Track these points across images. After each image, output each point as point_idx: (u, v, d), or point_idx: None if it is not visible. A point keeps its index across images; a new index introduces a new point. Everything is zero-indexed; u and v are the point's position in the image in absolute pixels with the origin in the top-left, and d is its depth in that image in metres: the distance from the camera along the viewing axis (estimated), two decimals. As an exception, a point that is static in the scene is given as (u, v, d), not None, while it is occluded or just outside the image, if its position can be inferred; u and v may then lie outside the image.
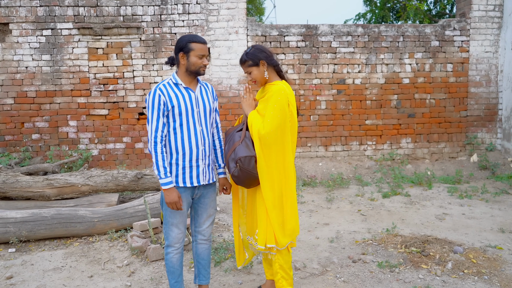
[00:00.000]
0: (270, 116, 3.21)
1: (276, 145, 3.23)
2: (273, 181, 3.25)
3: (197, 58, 3.25)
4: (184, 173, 3.26)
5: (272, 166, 3.24)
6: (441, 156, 8.52)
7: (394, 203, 6.54)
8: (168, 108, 3.20)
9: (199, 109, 3.34)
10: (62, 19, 7.73)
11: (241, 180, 3.27)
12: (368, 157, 8.38)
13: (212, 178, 3.44)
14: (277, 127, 3.21)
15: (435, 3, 18.77)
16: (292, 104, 3.32)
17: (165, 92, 3.21)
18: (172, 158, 3.25)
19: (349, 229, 5.41)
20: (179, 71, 3.34)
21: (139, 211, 5.37)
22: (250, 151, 3.23)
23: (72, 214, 5.17)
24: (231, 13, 7.92)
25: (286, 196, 3.29)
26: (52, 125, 7.87)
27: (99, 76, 7.86)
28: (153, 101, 3.19)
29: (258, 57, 3.34)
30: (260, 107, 3.34)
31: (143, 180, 5.83)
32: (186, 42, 3.25)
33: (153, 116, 3.19)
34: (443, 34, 8.34)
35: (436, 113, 8.46)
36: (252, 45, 3.43)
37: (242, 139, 3.29)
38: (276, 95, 3.23)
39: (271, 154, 3.22)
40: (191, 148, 3.26)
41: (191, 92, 3.33)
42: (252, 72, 3.37)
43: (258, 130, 3.22)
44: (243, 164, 3.19)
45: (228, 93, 8.04)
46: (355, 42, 8.21)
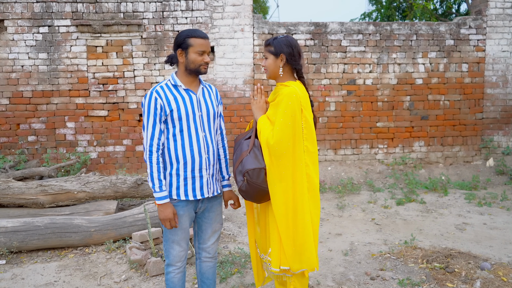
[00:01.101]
0: (279, 123, 2.83)
1: (287, 156, 2.83)
2: (286, 198, 2.86)
3: (196, 54, 2.89)
4: (186, 185, 2.92)
5: (283, 180, 2.85)
6: (455, 160, 8.14)
7: (410, 211, 6.17)
8: (166, 113, 2.85)
9: (201, 113, 2.99)
10: (60, 16, 7.38)
11: (250, 195, 2.90)
12: (379, 161, 8.01)
13: (217, 190, 3.10)
14: (287, 136, 2.82)
15: (441, 2, 18.45)
16: (306, 109, 2.93)
17: (163, 95, 2.86)
18: (172, 168, 2.90)
19: (364, 240, 5.05)
20: (179, 70, 2.99)
21: (139, 220, 5.02)
22: (259, 162, 2.86)
23: (67, 223, 4.83)
24: (237, 10, 7.56)
25: (301, 216, 2.87)
26: (49, 126, 7.52)
27: (98, 76, 7.51)
28: (149, 105, 2.84)
29: (281, 48, 2.96)
30: (270, 112, 2.96)
31: (143, 187, 5.47)
32: (184, 37, 2.90)
33: (148, 122, 2.84)
34: (458, 33, 7.96)
35: (450, 115, 8.09)
36: (286, 35, 3.06)
37: (251, 148, 2.92)
38: (287, 99, 2.85)
39: (281, 166, 2.84)
40: (193, 157, 2.91)
41: (192, 94, 2.97)
42: (268, 59, 3.00)
43: (267, 139, 2.84)
44: (251, 177, 2.82)
45: (233, 93, 7.68)
46: (366, 41, 7.84)
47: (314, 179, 2.96)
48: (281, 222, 2.85)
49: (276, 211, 2.85)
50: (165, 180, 2.91)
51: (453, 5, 18.88)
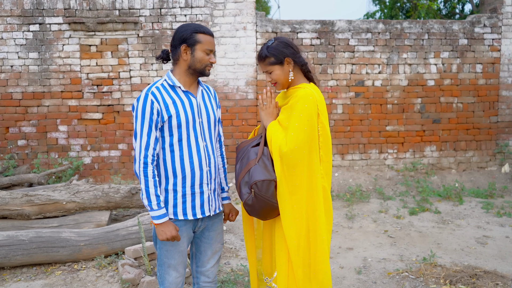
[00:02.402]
0: (294, 128, 2.47)
1: (302, 166, 2.47)
2: (299, 213, 2.48)
3: (204, 53, 2.52)
4: (184, 202, 2.52)
5: (296, 193, 2.47)
6: (469, 166, 7.72)
7: (424, 221, 5.75)
8: (163, 119, 2.45)
9: (201, 119, 2.60)
10: (51, 13, 6.97)
11: (256, 211, 2.50)
12: (388, 167, 7.59)
13: (219, 207, 2.71)
14: (303, 143, 2.46)
15: (445, 3, 18.13)
16: (323, 114, 2.57)
17: (160, 98, 2.46)
18: (168, 183, 2.51)
19: (378, 256, 4.63)
20: (177, 69, 2.58)
21: (133, 233, 4.62)
22: (269, 173, 2.47)
23: (54, 237, 4.42)
24: (239, 7, 7.15)
25: (315, 235, 2.51)
26: (40, 130, 7.10)
27: (92, 76, 7.10)
28: (144, 109, 2.42)
29: (283, 53, 2.60)
30: (282, 116, 2.58)
31: (138, 196, 5.06)
32: (192, 32, 2.50)
33: (143, 129, 2.42)
34: (472, 32, 7.55)
35: (463, 119, 7.67)
36: (275, 38, 2.67)
37: (259, 157, 2.52)
38: (303, 101, 2.49)
39: (295, 177, 2.46)
40: (193, 170, 2.52)
41: (192, 97, 2.58)
42: (274, 71, 2.62)
43: (280, 146, 2.47)
44: (260, 190, 2.44)
45: (235, 95, 7.27)
46: (375, 40, 7.42)
47: (328, 192, 2.61)
48: (292, 241, 2.48)
49: (286, 229, 2.47)
50: (161, 196, 2.51)
51: (457, 5, 18.54)
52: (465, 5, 18.98)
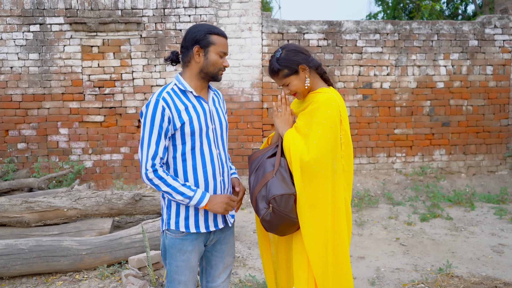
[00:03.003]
0: (317, 136, 2.31)
1: (325, 176, 2.31)
2: (321, 228, 2.32)
3: (218, 56, 2.37)
4: (196, 215, 2.36)
5: (319, 206, 2.31)
6: (478, 170, 7.55)
7: (436, 228, 5.58)
8: (175, 127, 2.29)
9: (214, 125, 2.45)
10: (52, 13, 6.80)
11: (275, 227, 2.34)
12: (397, 171, 7.42)
13: (231, 218, 2.54)
14: (327, 152, 2.31)
15: (448, 3, 18.01)
16: (345, 120, 2.42)
17: (171, 104, 2.29)
18: None
19: (391, 265, 4.46)
20: (188, 72, 2.42)
21: (137, 241, 4.45)
22: (288, 186, 2.30)
23: (55, 245, 4.26)
24: (244, 7, 6.98)
25: (337, 249, 2.36)
26: (40, 133, 6.93)
27: (94, 78, 6.93)
28: (154, 115, 2.25)
29: (295, 61, 2.44)
30: (300, 123, 2.41)
31: (141, 203, 4.89)
32: (205, 32, 2.35)
33: (151, 137, 2.25)
34: (482, 33, 7.38)
35: (473, 122, 7.49)
36: (282, 47, 2.51)
37: (276, 169, 2.36)
38: (325, 107, 2.33)
39: (316, 189, 2.31)
40: (207, 180, 2.36)
41: (204, 103, 2.42)
42: (291, 83, 2.47)
43: (300, 156, 2.30)
44: (279, 205, 2.27)
45: (240, 97, 7.09)
46: (383, 41, 7.25)
47: (349, 205, 2.46)
48: (314, 257, 2.32)
49: (309, 245, 2.31)
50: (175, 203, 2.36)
51: (460, 6, 18.41)
52: (467, 5, 18.87)
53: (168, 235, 2.39)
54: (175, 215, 2.36)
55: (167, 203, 2.41)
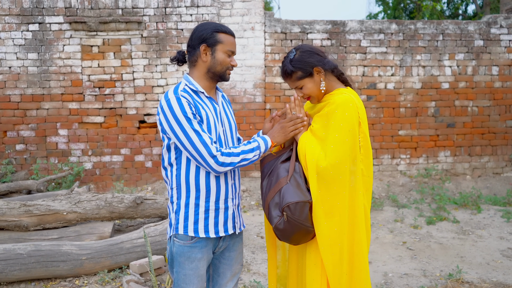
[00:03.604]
0: (334, 140, 2.19)
1: (343, 183, 2.19)
2: (339, 238, 2.20)
3: (225, 55, 2.29)
4: (206, 219, 2.26)
5: (336, 215, 2.19)
6: (484, 172, 7.44)
7: (443, 232, 5.47)
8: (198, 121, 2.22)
9: (224, 127, 2.36)
10: (52, 12, 6.68)
11: (288, 236, 2.23)
12: (401, 173, 7.31)
13: (242, 225, 2.45)
14: (345, 156, 2.19)
15: (448, 4, 17.97)
16: (364, 122, 2.29)
17: (190, 100, 2.21)
18: (189, 197, 2.25)
19: (399, 270, 4.35)
20: (196, 72, 2.33)
21: (138, 246, 4.34)
22: (302, 193, 2.19)
23: (54, 250, 4.14)
24: (247, 7, 6.87)
25: (356, 261, 2.24)
26: (39, 134, 6.81)
27: (94, 78, 6.81)
28: (182, 107, 2.15)
29: (309, 63, 2.32)
30: (316, 126, 2.30)
31: (143, 206, 4.77)
32: (212, 31, 2.27)
33: (194, 127, 2.15)
34: (488, 32, 7.27)
35: (479, 123, 7.39)
36: (296, 47, 2.39)
37: (291, 174, 2.24)
38: (342, 109, 2.21)
39: (333, 197, 2.19)
40: (219, 183, 2.27)
41: (215, 104, 2.34)
42: (305, 86, 2.35)
43: (317, 161, 2.19)
44: (293, 213, 2.16)
45: (242, 98, 6.98)
46: (388, 41, 7.15)
47: (368, 211, 2.34)
48: (331, 269, 2.19)
49: (326, 257, 2.19)
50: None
51: (461, 6, 18.36)
52: (468, 5, 18.80)
53: (176, 243, 2.30)
54: (183, 219, 2.26)
55: (175, 207, 2.31)
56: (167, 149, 2.31)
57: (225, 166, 2.18)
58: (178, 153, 2.26)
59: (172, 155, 2.29)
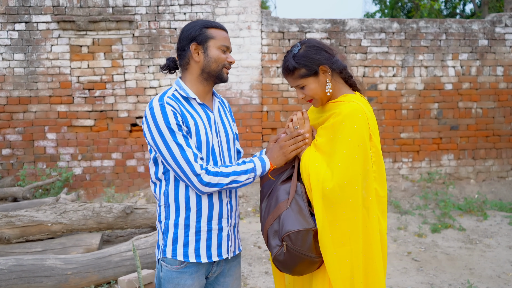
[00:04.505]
0: (342, 157, 1.91)
1: (353, 206, 1.90)
2: (350, 272, 1.92)
3: (219, 51, 2.04)
4: (198, 241, 2.00)
5: (347, 244, 1.91)
6: (488, 176, 7.20)
7: (449, 241, 5.22)
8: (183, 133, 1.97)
9: (220, 138, 2.10)
10: (39, 11, 6.40)
11: (289, 267, 1.96)
12: (403, 177, 7.06)
13: (238, 247, 2.19)
14: (355, 176, 1.90)
15: (446, 3, 17.78)
16: (375, 134, 2.01)
17: (177, 108, 1.96)
18: (179, 217, 2.00)
19: (404, 284, 4.10)
20: (188, 75, 2.09)
21: (127, 259, 4.08)
22: (305, 219, 1.91)
23: (38, 265, 3.87)
24: (243, 5, 6.60)
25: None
26: (26, 138, 6.53)
27: (83, 80, 6.53)
28: (166, 117, 1.91)
29: (315, 60, 2.03)
30: (321, 140, 2.01)
31: (133, 216, 4.50)
32: (201, 27, 2.03)
33: (178, 141, 1.91)
34: (492, 32, 7.03)
35: (483, 125, 7.14)
36: (301, 41, 2.09)
37: (291, 198, 1.96)
38: (350, 120, 1.93)
39: (343, 223, 1.91)
40: (211, 202, 2.02)
41: (209, 112, 2.08)
42: (308, 86, 2.06)
43: (322, 182, 1.91)
44: (294, 243, 1.88)
45: (238, 100, 6.71)
46: (389, 41, 6.89)
47: (385, 237, 2.03)
48: None
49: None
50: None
51: (459, 5, 18.16)
52: (466, 5, 18.60)
53: (164, 267, 2.05)
54: (172, 241, 2.02)
55: (163, 227, 2.06)
56: (154, 162, 2.06)
57: (210, 187, 1.93)
58: (166, 168, 2.02)
59: (159, 169, 2.04)
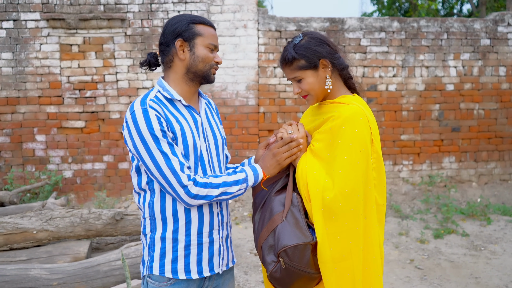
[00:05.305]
0: (342, 164, 1.74)
1: (355, 217, 1.74)
2: (351, 286, 1.75)
3: (207, 50, 1.85)
4: (187, 256, 1.83)
5: (349, 258, 1.76)
6: (490, 179, 7.02)
7: (453, 247, 5.04)
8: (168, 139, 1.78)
9: (208, 143, 1.91)
10: (27, 8, 6.17)
11: (286, 284, 1.79)
12: (403, 180, 6.87)
13: (232, 260, 2.02)
14: (357, 184, 1.74)
15: (443, 3, 17.66)
16: (376, 139, 1.85)
17: (162, 113, 1.77)
18: (166, 231, 1.82)
19: (408, 295, 3.91)
20: (172, 74, 1.90)
21: (117, 269, 3.86)
22: (302, 233, 1.74)
23: (21, 275, 3.67)
24: (239, 3, 6.40)
25: None
26: (14, 140, 6.30)
27: (74, 80, 6.31)
28: (149, 123, 1.72)
29: (317, 53, 1.85)
30: (318, 145, 1.84)
31: (123, 223, 4.29)
32: (188, 22, 1.84)
33: (163, 149, 1.72)
34: (495, 31, 6.85)
35: (485, 127, 6.97)
36: (303, 32, 1.92)
37: (287, 209, 1.78)
38: (351, 124, 1.77)
39: (345, 235, 1.76)
40: (201, 213, 1.84)
41: (196, 114, 1.89)
42: (305, 79, 1.88)
43: (322, 191, 1.74)
44: (292, 259, 1.71)
45: (234, 101, 6.51)
46: (389, 40, 6.71)
47: (382, 247, 1.88)
48: None
49: None
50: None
51: (456, 5, 18.04)
52: (463, 5, 18.48)
53: (151, 284, 1.87)
54: (159, 257, 1.84)
55: (149, 241, 1.87)
56: (137, 171, 1.87)
57: (198, 199, 1.75)
58: (150, 177, 1.82)
59: (143, 179, 1.86)
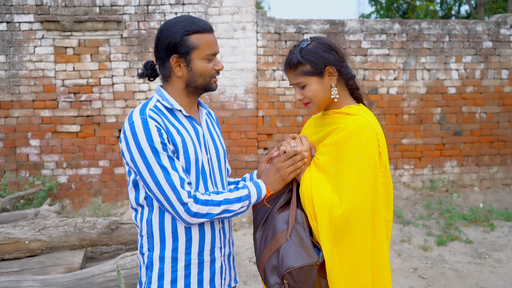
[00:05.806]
0: (349, 179, 1.65)
1: (364, 235, 1.65)
2: None
3: (205, 62, 1.73)
4: (187, 276, 1.72)
5: (358, 278, 1.65)
6: (493, 183, 6.92)
7: (457, 255, 4.93)
8: (168, 153, 1.67)
9: (209, 155, 1.81)
10: (21, 10, 6.04)
11: None
12: (404, 185, 6.76)
13: (234, 279, 1.92)
14: (365, 200, 1.64)
15: (441, 4, 17.61)
16: (384, 152, 1.76)
17: (162, 124, 1.65)
18: (165, 249, 1.71)
19: (413, 306, 3.79)
20: (170, 87, 1.79)
21: (112, 280, 3.75)
22: (308, 253, 1.65)
23: (13, 287, 3.54)
24: (237, 4, 6.28)
25: None
26: (7, 145, 6.16)
27: (69, 83, 6.18)
28: (148, 133, 1.61)
29: (324, 59, 1.76)
30: (323, 159, 1.74)
31: (119, 232, 4.16)
32: (182, 35, 1.69)
33: (163, 164, 1.61)
34: (497, 33, 6.75)
35: (487, 130, 6.86)
36: (311, 37, 1.83)
37: (291, 228, 1.68)
38: (358, 137, 1.68)
39: (355, 254, 1.68)
40: (202, 230, 1.74)
41: (197, 125, 1.78)
42: (309, 85, 1.79)
43: (329, 208, 1.65)
44: (297, 281, 1.62)
45: (232, 105, 6.39)
46: (390, 42, 6.60)
47: (388, 263, 1.78)
48: None
49: None
50: None
51: (454, 7, 18.00)
52: (461, 6, 18.43)
53: None
54: (157, 278, 1.72)
55: (146, 261, 1.76)
56: (134, 186, 1.75)
57: (198, 217, 1.64)
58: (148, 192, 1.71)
59: (140, 194, 1.74)
